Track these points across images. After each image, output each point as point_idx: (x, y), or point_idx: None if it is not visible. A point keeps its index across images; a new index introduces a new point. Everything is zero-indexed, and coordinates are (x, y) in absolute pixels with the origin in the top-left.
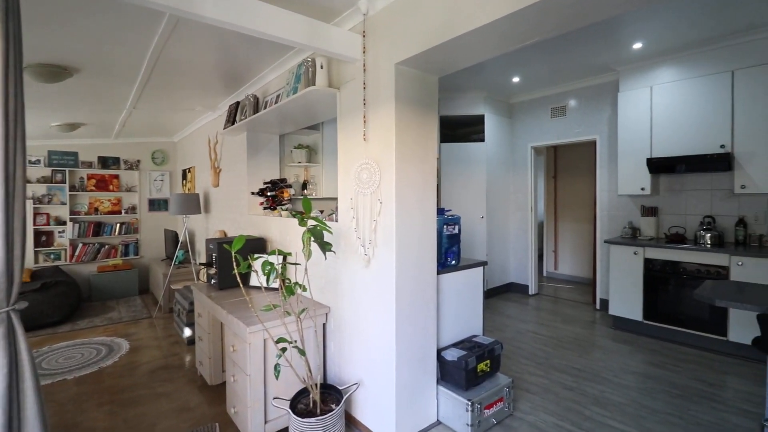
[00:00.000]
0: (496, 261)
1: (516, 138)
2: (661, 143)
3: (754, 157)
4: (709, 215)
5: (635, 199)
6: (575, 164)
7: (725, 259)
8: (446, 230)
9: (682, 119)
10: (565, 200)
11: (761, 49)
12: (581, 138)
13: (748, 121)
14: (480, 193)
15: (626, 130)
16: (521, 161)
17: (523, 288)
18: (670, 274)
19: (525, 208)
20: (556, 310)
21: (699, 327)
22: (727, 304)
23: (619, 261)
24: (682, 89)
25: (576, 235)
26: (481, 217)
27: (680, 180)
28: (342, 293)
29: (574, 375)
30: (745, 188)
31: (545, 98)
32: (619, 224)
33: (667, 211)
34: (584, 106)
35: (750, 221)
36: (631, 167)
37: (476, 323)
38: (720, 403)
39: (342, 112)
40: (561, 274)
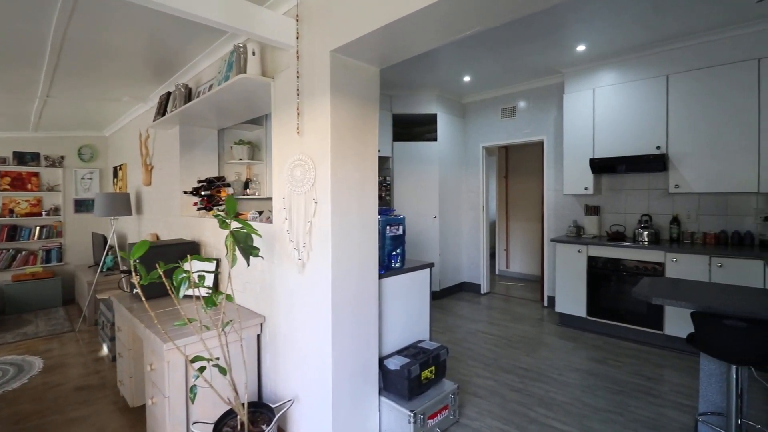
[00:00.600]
0: (449, 261)
1: (468, 138)
2: (602, 144)
3: (686, 158)
4: (647, 214)
5: (579, 199)
6: (525, 164)
7: (661, 256)
8: (389, 231)
9: (621, 121)
10: (516, 200)
11: (692, 56)
12: (530, 138)
13: (681, 123)
14: (433, 193)
15: (571, 131)
16: (473, 161)
17: (475, 287)
18: (612, 271)
19: (477, 208)
20: (507, 308)
21: (638, 322)
22: (663, 302)
23: (565, 259)
24: (622, 92)
25: (526, 234)
26: (434, 217)
27: (620, 180)
28: (277, 301)
29: (521, 375)
30: (678, 188)
31: (496, 99)
32: (565, 223)
33: (608, 210)
34: (532, 108)
35: (683, 219)
36: (575, 167)
37: (423, 327)
38: (657, 397)
39: (276, 103)
40: (512, 272)
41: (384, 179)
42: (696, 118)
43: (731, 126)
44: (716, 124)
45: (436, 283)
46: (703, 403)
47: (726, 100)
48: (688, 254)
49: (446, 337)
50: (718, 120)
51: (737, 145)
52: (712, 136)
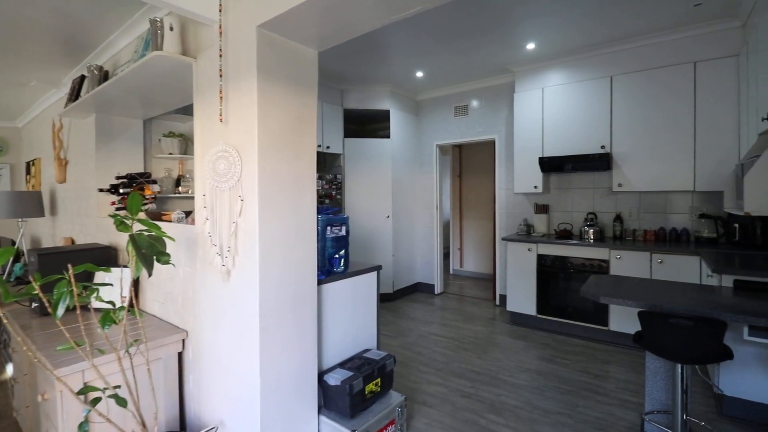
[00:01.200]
0: (402, 261)
1: (422, 136)
2: (551, 143)
3: (628, 158)
4: (592, 212)
5: (530, 197)
6: (478, 163)
7: (606, 253)
8: (330, 232)
9: (569, 120)
10: (470, 199)
11: (633, 58)
12: (482, 137)
13: (623, 124)
14: (386, 192)
15: (521, 129)
16: (427, 159)
17: (429, 287)
18: (560, 269)
19: (431, 207)
20: (460, 308)
21: (585, 319)
22: (611, 301)
23: (516, 258)
24: (569, 92)
25: (479, 233)
26: (387, 217)
27: (568, 179)
28: (201, 314)
29: (472, 379)
30: (621, 186)
31: (449, 96)
32: (516, 221)
33: (557, 208)
34: (485, 106)
35: (625, 217)
36: (525, 166)
37: (369, 335)
38: (604, 395)
39: (199, 86)
40: (466, 271)
41: (335, 177)
42: (636, 119)
43: (669, 127)
44: (655, 126)
45: (389, 285)
46: (649, 401)
47: (664, 102)
48: (631, 251)
49: (398, 342)
50: (656, 121)
51: (674, 146)
52: (651, 137)
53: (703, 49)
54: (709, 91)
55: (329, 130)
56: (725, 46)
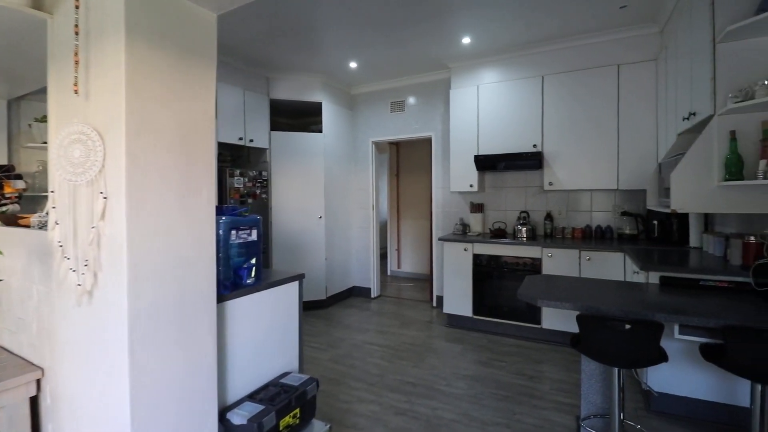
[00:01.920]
0: (336, 264)
1: (357, 132)
2: (486, 141)
3: (558, 157)
4: (525, 211)
5: (465, 196)
6: (416, 162)
7: (538, 251)
8: (237, 237)
9: (503, 119)
10: (407, 198)
11: (562, 58)
12: (418, 135)
13: (554, 123)
14: (318, 190)
15: (457, 127)
16: (363, 156)
17: (365, 291)
18: (495, 268)
19: (367, 207)
20: (397, 312)
21: (519, 318)
22: (548, 304)
23: (452, 258)
24: (504, 90)
25: (417, 233)
26: (319, 217)
27: (502, 177)
28: (59, 347)
29: (408, 393)
30: (552, 185)
31: (385, 91)
32: (453, 221)
33: (492, 207)
34: (421, 103)
35: (555, 215)
36: (461, 164)
37: (290, 356)
38: (540, 399)
39: (54, 50)
40: (404, 272)
41: (259, 174)
42: (565, 119)
43: (594, 128)
44: (581, 126)
45: (321, 291)
46: (585, 404)
47: (589, 103)
48: (561, 249)
49: (328, 355)
50: (582, 122)
51: (599, 146)
52: (578, 137)
53: (625, 53)
54: (630, 93)
55: (253, 121)
56: (646, 51)
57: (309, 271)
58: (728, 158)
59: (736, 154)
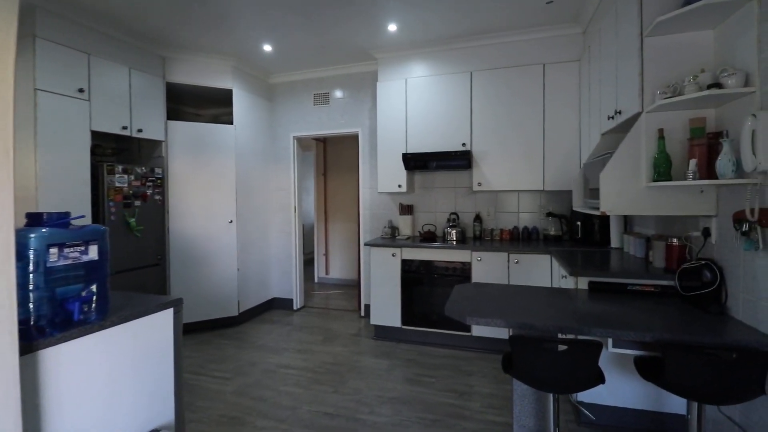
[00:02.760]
0: (252, 275)
1: (277, 125)
2: (415, 139)
3: (487, 157)
4: (455, 212)
5: (394, 197)
6: (344, 160)
7: (467, 255)
8: (59, 257)
9: (432, 115)
10: (336, 199)
11: (491, 54)
12: (344, 130)
13: (482, 122)
14: (228, 191)
15: (385, 123)
16: (284, 153)
17: (287, 303)
18: (424, 274)
19: (289, 209)
20: (321, 325)
21: (449, 326)
22: (477, 321)
23: (379, 264)
24: (433, 85)
25: (346, 236)
26: (229, 222)
27: (432, 177)
28: None
29: (324, 427)
30: (481, 186)
31: (308, 82)
32: (381, 223)
33: (421, 209)
34: (347, 96)
35: (484, 216)
36: (389, 163)
37: (159, 409)
38: (470, 419)
39: None
40: (333, 278)
41: (151, 171)
42: (492, 118)
43: (520, 127)
44: (508, 125)
45: (232, 306)
46: (517, 427)
47: (516, 101)
48: (490, 252)
49: (233, 386)
50: (510, 120)
51: (525, 146)
52: (505, 136)
53: (551, 52)
54: (555, 93)
55: (143, 108)
56: (570, 51)
57: (217, 284)
58: (656, 158)
59: (664, 154)
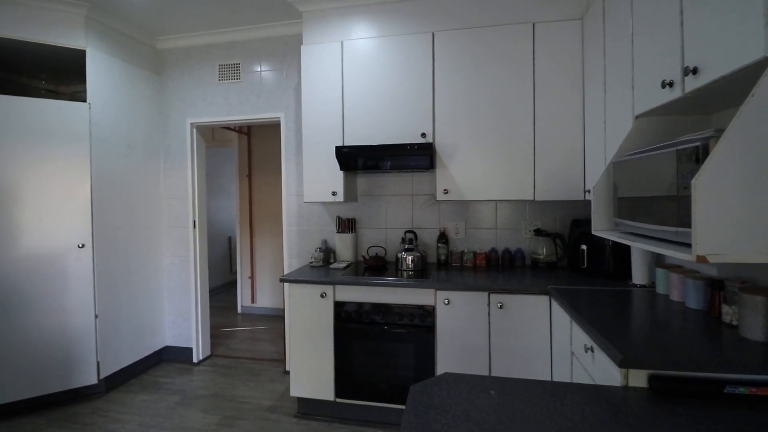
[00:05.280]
0: (124, 321)
1: (168, 108)
2: (354, 126)
3: (455, 153)
4: (411, 230)
5: (329, 208)
6: (274, 157)
7: (431, 295)
8: None
9: (379, 93)
10: (263, 207)
11: (464, 8)
12: (261, 116)
13: (450, 103)
14: (77, 201)
15: (312, 104)
16: (178, 147)
17: (184, 353)
18: (368, 324)
19: (185, 224)
20: (226, 391)
21: (402, 398)
22: None
23: (303, 307)
24: (379, 50)
25: (277, 254)
26: (79, 246)
27: (380, 181)
28: None
29: None
30: (447, 193)
31: (211, 48)
32: (313, 243)
33: (366, 224)
34: (267, 68)
35: (451, 235)
36: (319, 161)
37: None
38: None
39: None
40: (260, 308)
41: None
42: (464, 98)
43: (502, 112)
44: (485, 108)
45: (88, 371)
46: None
47: (496, 73)
48: (462, 292)
49: None
50: (487, 101)
51: (509, 138)
52: (481, 124)
53: (543, 6)
54: (551, 63)
55: None
56: (568, 6)
57: (61, 340)
58: None
59: None
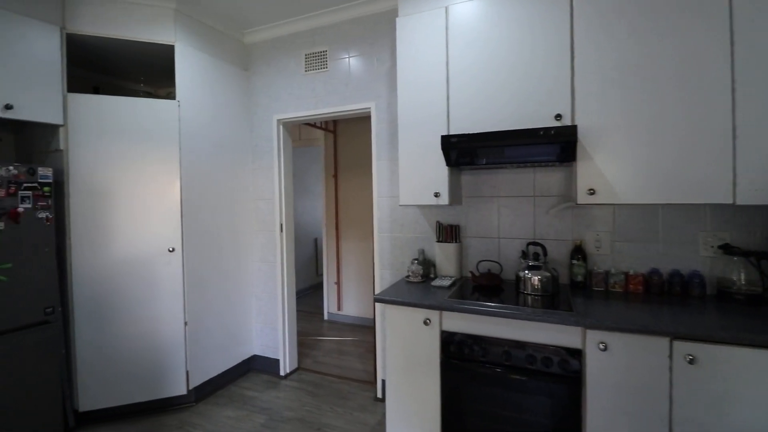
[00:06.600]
0: (212, 329)
1: (255, 105)
2: (462, 111)
3: (606, 138)
4: (536, 241)
5: (428, 212)
6: (364, 154)
7: (576, 335)
8: None
9: (493, 67)
10: (351, 209)
11: None
12: (350, 107)
13: (598, 70)
14: (167, 204)
15: (409, 87)
16: (264, 146)
17: (271, 365)
18: (485, 364)
19: (272, 228)
20: (312, 415)
21: None
22: None
23: (400, 334)
24: (493, 11)
25: (364, 259)
26: (170, 250)
27: (491, 179)
28: None
29: None
30: (594, 194)
31: (296, 37)
32: (409, 253)
33: (473, 232)
34: (355, 52)
35: (590, 249)
36: (417, 156)
37: None
38: None
39: None
40: (346, 316)
41: (29, 172)
42: (616, 63)
43: (678, 80)
44: (650, 75)
45: (178, 381)
46: None
47: (667, 25)
48: (628, 334)
49: None
50: (653, 66)
51: (693, 115)
52: (645, 98)
53: None
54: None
55: (18, 70)
56: None
57: (151, 348)
58: None
59: None
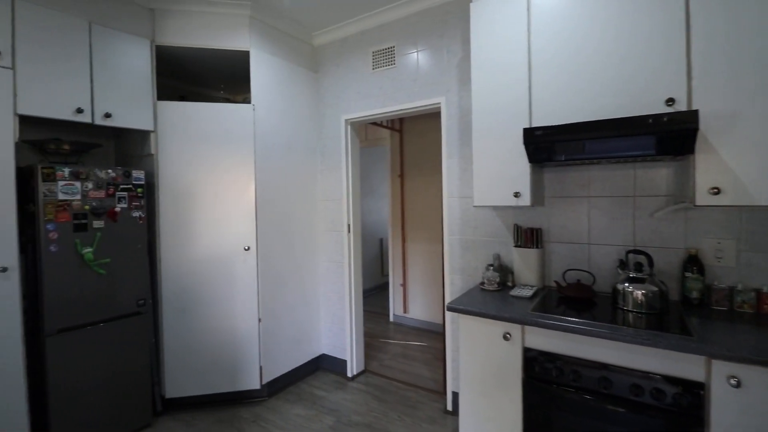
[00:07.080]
0: (283, 327)
1: (324, 106)
2: (546, 99)
3: (736, 126)
4: (639, 249)
5: (503, 214)
6: (431, 153)
7: (698, 365)
8: None
9: (583, 47)
10: (417, 210)
11: None
12: (419, 103)
13: (726, 43)
14: (244, 203)
15: (485, 76)
16: (332, 146)
17: (339, 365)
18: (577, 390)
19: (340, 228)
20: (378, 425)
21: None
22: None
23: (476, 348)
24: None
25: (432, 262)
26: (245, 249)
27: (580, 177)
28: None
29: None
30: (719, 194)
31: (363, 35)
32: (483, 259)
33: (557, 237)
34: (423, 46)
35: (709, 260)
36: (494, 152)
37: None
38: None
39: None
40: (412, 319)
41: (125, 175)
42: (754, 32)
43: None
44: None
45: (252, 375)
46: None
47: None
48: (760, 366)
49: None
50: None
51: None
52: None
53: None
54: None
55: (113, 81)
56: None
57: (228, 342)
58: None
59: None
